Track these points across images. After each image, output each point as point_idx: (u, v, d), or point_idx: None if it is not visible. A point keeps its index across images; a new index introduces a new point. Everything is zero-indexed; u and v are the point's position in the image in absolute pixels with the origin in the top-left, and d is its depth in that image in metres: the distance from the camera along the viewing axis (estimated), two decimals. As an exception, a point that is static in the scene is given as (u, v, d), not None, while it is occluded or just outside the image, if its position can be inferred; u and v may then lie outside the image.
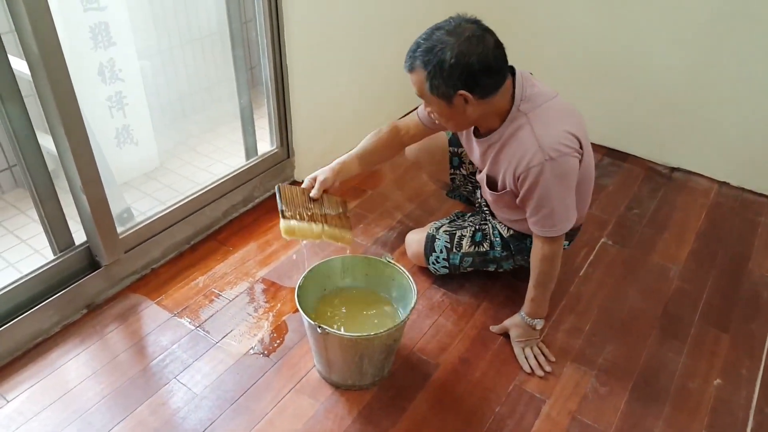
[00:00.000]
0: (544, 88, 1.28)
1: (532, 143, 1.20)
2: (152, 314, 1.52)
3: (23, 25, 1.19)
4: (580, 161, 1.25)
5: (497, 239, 1.51)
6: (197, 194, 1.75)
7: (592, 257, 1.75)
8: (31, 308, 1.41)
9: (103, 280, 1.54)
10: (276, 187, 1.36)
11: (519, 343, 1.42)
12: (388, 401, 1.32)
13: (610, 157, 2.26)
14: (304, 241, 1.64)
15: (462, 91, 1.17)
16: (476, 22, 1.17)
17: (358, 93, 2.21)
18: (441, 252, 1.55)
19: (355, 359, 1.27)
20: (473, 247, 1.53)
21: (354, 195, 2.02)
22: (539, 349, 1.42)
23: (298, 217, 1.31)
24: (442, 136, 1.66)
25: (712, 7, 1.88)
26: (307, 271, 1.37)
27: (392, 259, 1.40)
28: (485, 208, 1.55)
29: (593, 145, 2.31)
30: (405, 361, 1.41)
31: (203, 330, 1.48)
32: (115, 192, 1.76)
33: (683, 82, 2.04)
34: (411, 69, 1.21)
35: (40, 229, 1.50)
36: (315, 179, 1.38)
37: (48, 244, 1.50)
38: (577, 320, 1.53)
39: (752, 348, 1.47)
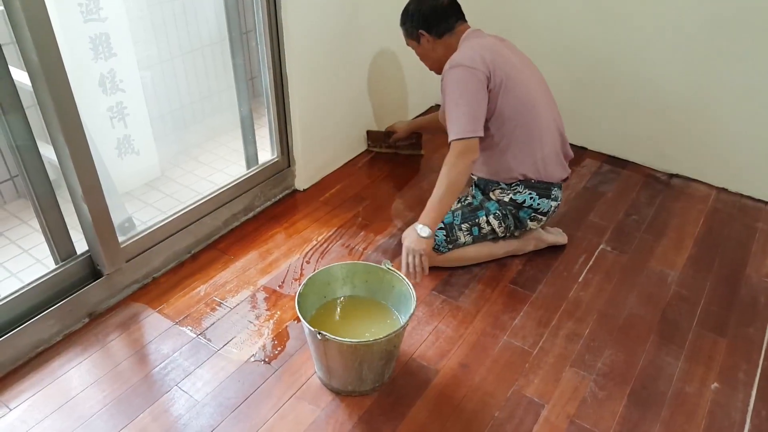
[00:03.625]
0: (484, 35, 1.64)
1: (447, 62, 1.57)
2: (154, 323, 1.53)
3: (24, 35, 1.21)
4: (489, 80, 1.53)
5: (473, 188, 1.78)
6: (198, 203, 1.77)
7: (591, 263, 1.76)
8: (33, 317, 1.42)
9: (105, 289, 1.56)
10: (366, 132, 2.32)
11: (406, 248, 1.51)
12: (388, 407, 1.32)
13: (609, 164, 2.28)
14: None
15: (421, 30, 1.65)
16: None
17: (357, 102, 2.23)
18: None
19: (354, 365, 1.28)
20: (459, 203, 1.74)
21: (355, 203, 2.04)
22: (420, 260, 1.50)
23: (378, 147, 2.33)
24: None
25: (709, 14, 1.91)
26: (307, 278, 1.38)
27: (392, 266, 1.42)
28: None
29: (593, 152, 2.34)
30: (405, 367, 1.42)
31: (204, 338, 1.49)
32: (116, 202, 1.77)
33: (681, 90, 2.06)
34: (401, 27, 1.72)
35: (42, 238, 1.51)
36: (393, 128, 2.27)
37: (49, 254, 1.51)
38: (576, 325, 1.54)
39: (749, 352, 1.47)
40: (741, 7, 1.85)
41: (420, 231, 1.49)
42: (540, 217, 1.68)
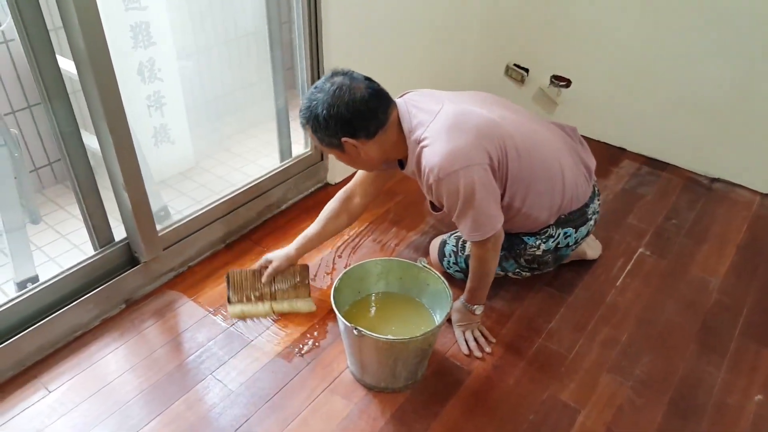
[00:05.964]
0: (429, 106, 1.31)
1: (427, 168, 1.27)
2: (189, 311, 1.55)
3: (71, 21, 1.21)
4: (491, 162, 1.27)
5: None
6: (233, 194, 1.78)
7: (629, 267, 1.72)
8: (73, 301, 1.44)
9: (142, 276, 1.57)
10: (226, 275, 1.55)
11: (459, 327, 1.47)
12: (420, 405, 1.31)
13: (648, 166, 2.22)
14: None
15: (345, 138, 1.25)
16: (346, 74, 1.26)
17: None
18: (450, 256, 1.58)
19: (389, 362, 1.27)
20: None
21: (386, 198, 2.02)
22: (479, 331, 1.46)
23: (245, 299, 1.54)
24: None
25: (756, 15, 1.84)
26: (342, 273, 1.38)
27: (427, 263, 1.40)
28: None
29: (631, 153, 2.29)
30: (438, 366, 1.41)
31: (238, 328, 1.50)
32: (153, 190, 1.79)
33: (726, 91, 1.99)
34: (304, 127, 1.31)
35: (79, 224, 1.53)
36: (268, 261, 1.55)
37: (87, 240, 1.53)
38: (613, 331, 1.51)
39: (796, 365, 1.43)
40: (795, 6, 1.78)
41: (476, 310, 1.42)
42: (582, 241, 1.54)
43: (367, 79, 1.27)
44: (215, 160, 2.34)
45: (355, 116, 1.23)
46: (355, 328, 1.21)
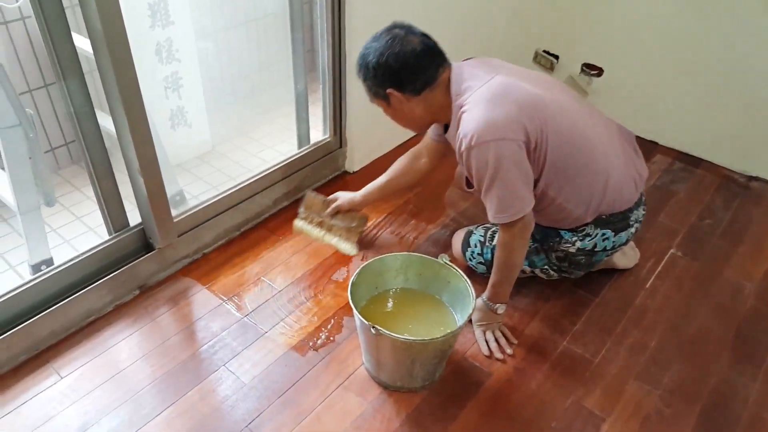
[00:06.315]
0: (482, 73, 1.27)
1: (461, 134, 1.22)
2: (203, 299, 1.52)
3: (88, 2, 1.17)
4: (529, 142, 1.21)
5: None
6: (249, 181, 1.73)
7: (660, 269, 1.65)
8: (87, 286, 1.42)
9: (156, 262, 1.55)
10: (305, 192, 1.73)
11: (480, 327, 1.41)
12: (438, 406, 1.27)
13: (681, 161, 2.12)
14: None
15: (390, 90, 1.26)
16: (405, 27, 1.26)
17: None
18: (475, 246, 1.51)
19: (407, 362, 1.23)
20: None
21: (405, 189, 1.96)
22: (501, 332, 1.41)
23: (308, 220, 1.71)
24: None
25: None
26: (360, 267, 1.33)
27: (449, 260, 1.35)
28: None
29: (664, 147, 2.19)
30: (456, 367, 1.36)
31: (252, 319, 1.47)
32: (169, 174, 1.76)
33: (766, 85, 1.88)
34: (358, 77, 1.32)
35: (94, 207, 1.50)
36: (336, 198, 1.67)
37: (102, 223, 1.51)
38: (642, 335, 1.44)
39: (837, 379, 1.35)
40: None
41: (498, 309, 1.37)
42: (619, 249, 1.45)
43: (425, 35, 1.27)
44: (232, 145, 2.30)
45: (403, 68, 1.22)
46: (373, 327, 1.16)
